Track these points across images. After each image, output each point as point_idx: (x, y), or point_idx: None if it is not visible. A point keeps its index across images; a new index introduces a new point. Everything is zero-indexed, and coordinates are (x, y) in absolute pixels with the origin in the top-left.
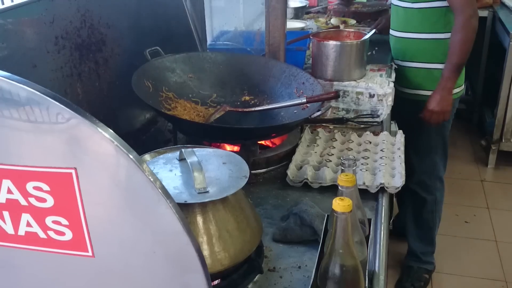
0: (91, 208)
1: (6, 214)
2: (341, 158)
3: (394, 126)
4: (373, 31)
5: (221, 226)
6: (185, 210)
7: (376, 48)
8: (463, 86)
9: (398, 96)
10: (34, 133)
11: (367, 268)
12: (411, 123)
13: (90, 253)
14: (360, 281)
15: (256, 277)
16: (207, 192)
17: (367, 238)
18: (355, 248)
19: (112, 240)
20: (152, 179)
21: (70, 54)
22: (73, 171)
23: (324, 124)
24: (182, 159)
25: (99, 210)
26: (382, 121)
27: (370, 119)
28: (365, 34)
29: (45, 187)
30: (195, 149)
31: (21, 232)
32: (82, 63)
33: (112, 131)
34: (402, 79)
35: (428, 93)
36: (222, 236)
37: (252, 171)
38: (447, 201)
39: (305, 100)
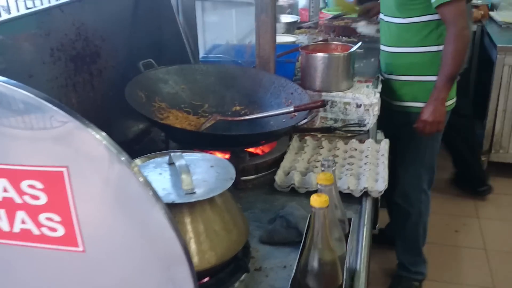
0: (82, 205)
1: (2, 212)
2: (321, 160)
3: (380, 135)
4: (359, 43)
5: (208, 226)
6: (173, 210)
7: (364, 61)
8: (455, 98)
9: (389, 109)
10: (28, 133)
11: (345, 263)
12: (400, 135)
13: (81, 248)
14: (338, 275)
15: (243, 276)
16: (194, 193)
17: (347, 236)
18: (333, 243)
19: (102, 235)
20: (140, 178)
21: (65, 65)
22: (64, 170)
23: (312, 133)
24: (171, 164)
25: (90, 207)
26: (368, 130)
27: (357, 128)
28: (352, 47)
29: (39, 185)
30: (183, 154)
31: (16, 229)
32: (77, 74)
33: (103, 132)
34: (394, 93)
35: (422, 105)
36: (209, 236)
37: (242, 178)
38: (437, 211)
39: (293, 109)
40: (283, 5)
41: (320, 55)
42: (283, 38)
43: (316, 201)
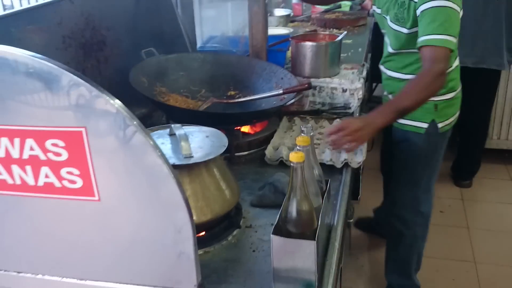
0: (98, 160)
1: (28, 168)
2: (301, 126)
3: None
4: (344, 33)
5: (204, 186)
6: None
7: (352, 51)
8: (457, 114)
9: (389, 127)
10: (52, 99)
11: (320, 213)
12: (396, 153)
13: (96, 198)
14: (313, 221)
15: (235, 231)
16: (192, 157)
17: (323, 193)
18: (310, 195)
19: (114, 186)
20: (148, 138)
21: (75, 52)
22: (83, 130)
23: (301, 116)
24: (172, 135)
25: (104, 161)
26: (353, 112)
27: (343, 111)
28: (338, 37)
29: (61, 143)
30: (183, 126)
31: (41, 183)
32: (86, 60)
33: (116, 99)
34: None
35: (419, 124)
36: (205, 194)
37: (236, 154)
38: None
39: (281, 91)
40: (277, 0)
41: (308, 43)
42: (277, 31)
43: (294, 157)
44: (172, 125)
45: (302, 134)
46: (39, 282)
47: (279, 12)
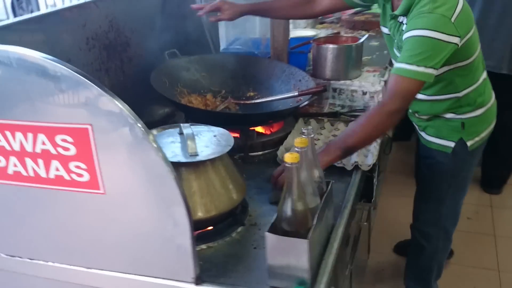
0: (103, 156)
1: (40, 161)
2: (302, 129)
3: None
4: (366, 36)
5: (210, 183)
6: (181, 169)
7: (377, 53)
8: (492, 126)
9: (417, 137)
10: (62, 97)
11: (317, 213)
12: (421, 167)
13: (102, 191)
14: (308, 220)
15: (239, 228)
16: (197, 155)
17: (323, 194)
18: (305, 195)
19: (118, 180)
20: (148, 134)
21: (99, 52)
22: (89, 127)
23: (319, 118)
24: (181, 134)
25: (109, 157)
26: None
27: (362, 114)
28: (360, 39)
29: (70, 139)
30: (192, 126)
31: (51, 175)
32: (109, 60)
33: (119, 99)
34: (420, 125)
35: (445, 142)
36: (210, 191)
37: (250, 153)
38: None
39: (297, 93)
40: None
41: (329, 46)
42: (303, 32)
43: (288, 157)
44: (182, 125)
45: (303, 136)
46: (50, 268)
47: None
